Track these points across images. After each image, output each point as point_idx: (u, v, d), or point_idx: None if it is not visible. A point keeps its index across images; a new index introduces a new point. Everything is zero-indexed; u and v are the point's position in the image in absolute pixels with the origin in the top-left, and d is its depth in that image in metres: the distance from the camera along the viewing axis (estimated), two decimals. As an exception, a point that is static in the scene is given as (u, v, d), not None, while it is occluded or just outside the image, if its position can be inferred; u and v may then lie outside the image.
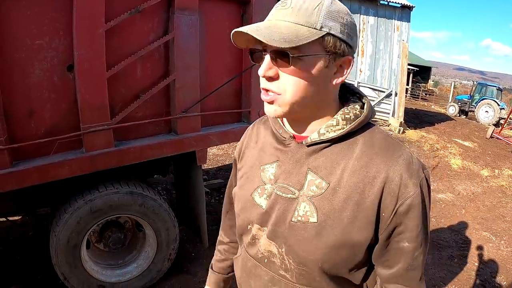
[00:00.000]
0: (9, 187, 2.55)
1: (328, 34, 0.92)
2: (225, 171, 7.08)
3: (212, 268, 1.59)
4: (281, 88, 0.97)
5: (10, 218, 3.59)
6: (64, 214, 2.90)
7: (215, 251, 1.60)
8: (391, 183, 0.97)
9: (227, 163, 7.63)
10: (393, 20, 13.22)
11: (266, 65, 0.96)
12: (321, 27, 0.91)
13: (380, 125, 10.07)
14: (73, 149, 2.84)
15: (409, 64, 15.40)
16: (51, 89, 2.64)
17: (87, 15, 2.62)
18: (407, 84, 23.80)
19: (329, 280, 1.07)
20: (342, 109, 1.06)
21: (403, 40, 13.36)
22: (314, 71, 0.96)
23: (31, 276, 3.59)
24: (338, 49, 0.95)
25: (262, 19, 0.99)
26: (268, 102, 1.01)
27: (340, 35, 0.94)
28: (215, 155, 8.06)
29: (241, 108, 3.88)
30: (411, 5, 13.19)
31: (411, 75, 27.93)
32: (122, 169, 3.15)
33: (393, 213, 0.97)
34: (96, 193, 2.99)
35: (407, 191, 0.96)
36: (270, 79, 0.98)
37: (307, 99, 0.99)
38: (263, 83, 1.00)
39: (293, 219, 1.05)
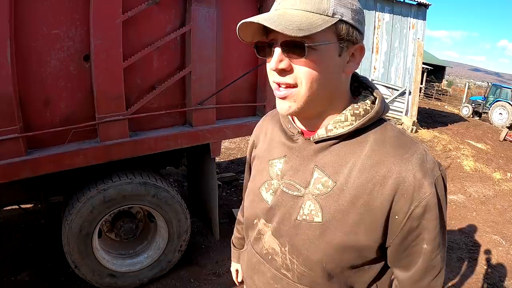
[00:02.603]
0: (23, 175, 2.56)
1: (341, 21, 0.88)
2: (237, 165, 7.09)
3: (233, 244, 1.68)
4: (297, 80, 0.92)
5: (22, 206, 3.63)
6: (77, 203, 2.91)
7: (234, 229, 1.69)
8: (404, 184, 0.91)
9: (239, 156, 7.65)
10: (409, 17, 13.09)
11: (277, 57, 0.90)
12: (333, 13, 0.87)
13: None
14: (88, 138, 2.86)
15: (423, 63, 15.24)
16: (67, 78, 2.65)
17: (105, 6, 2.62)
18: (421, 83, 23.60)
19: (333, 282, 1.04)
20: (352, 104, 1.01)
21: (418, 38, 13.22)
22: (328, 60, 0.91)
23: (42, 263, 3.64)
24: (351, 36, 0.91)
25: None
26: (282, 98, 0.96)
27: (351, 22, 0.90)
28: (227, 148, 8.08)
29: (256, 102, 3.87)
30: (427, 3, 13.04)
31: (425, 74, 27.67)
32: (136, 160, 3.16)
33: (407, 216, 0.92)
34: (110, 182, 3.00)
35: (422, 191, 0.90)
36: (283, 72, 0.92)
37: (322, 91, 0.94)
38: (275, 77, 0.94)
39: (298, 218, 1.03)
